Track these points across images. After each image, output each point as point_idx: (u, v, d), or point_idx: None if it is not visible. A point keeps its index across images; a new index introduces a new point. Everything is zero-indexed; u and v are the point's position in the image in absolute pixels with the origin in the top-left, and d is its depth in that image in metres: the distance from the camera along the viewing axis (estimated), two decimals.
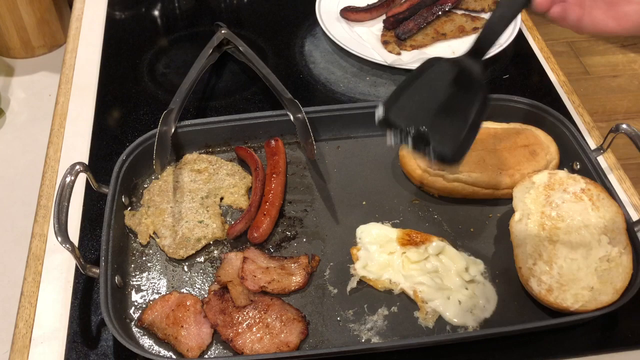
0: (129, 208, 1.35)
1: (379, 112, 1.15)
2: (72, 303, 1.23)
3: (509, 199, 1.33)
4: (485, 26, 1.15)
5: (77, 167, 1.25)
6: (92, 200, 1.39)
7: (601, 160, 1.46)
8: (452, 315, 1.18)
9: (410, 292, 1.21)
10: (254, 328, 1.15)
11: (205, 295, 1.22)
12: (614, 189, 1.31)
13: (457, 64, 1.18)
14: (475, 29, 1.82)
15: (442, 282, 1.21)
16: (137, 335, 1.17)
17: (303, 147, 1.46)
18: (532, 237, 1.23)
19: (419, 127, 1.13)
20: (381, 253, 1.26)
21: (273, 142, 1.45)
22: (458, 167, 1.29)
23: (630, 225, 1.23)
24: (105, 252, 1.19)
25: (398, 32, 1.78)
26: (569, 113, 1.60)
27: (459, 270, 1.23)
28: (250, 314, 1.17)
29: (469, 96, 1.16)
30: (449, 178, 1.36)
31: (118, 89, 1.70)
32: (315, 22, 1.84)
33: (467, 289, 1.21)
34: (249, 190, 1.41)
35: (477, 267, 1.25)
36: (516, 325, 1.17)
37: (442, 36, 1.80)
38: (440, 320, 1.18)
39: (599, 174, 1.32)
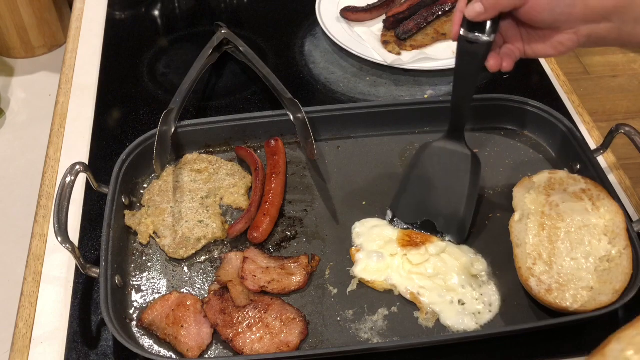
0: (129, 208, 1.35)
1: (389, 216, 1.33)
2: (72, 303, 1.23)
3: (509, 199, 1.33)
4: (451, 109, 1.28)
5: (77, 167, 1.25)
6: (92, 200, 1.39)
7: (601, 160, 1.46)
8: (455, 321, 1.17)
9: (409, 296, 1.20)
10: (254, 328, 1.15)
11: (205, 295, 1.22)
12: (614, 189, 1.31)
13: (443, 146, 1.33)
14: None
15: (445, 283, 1.21)
16: (137, 335, 1.17)
17: (303, 147, 1.46)
18: (532, 237, 1.23)
19: (423, 220, 1.31)
20: (381, 255, 1.26)
21: (273, 142, 1.45)
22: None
23: (630, 225, 1.23)
24: (105, 252, 1.19)
25: (398, 32, 1.78)
26: (569, 113, 1.60)
27: (462, 266, 1.23)
28: (250, 314, 1.17)
29: (460, 172, 1.32)
30: None
31: (118, 89, 1.70)
32: (315, 22, 1.84)
33: (472, 288, 1.21)
34: (249, 190, 1.41)
35: (481, 264, 1.25)
36: (516, 325, 1.17)
37: (442, 36, 1.80)
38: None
39: (599, 174, 1.32)
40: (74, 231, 1.33)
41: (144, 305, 1.20)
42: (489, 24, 1.10)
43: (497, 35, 1.12)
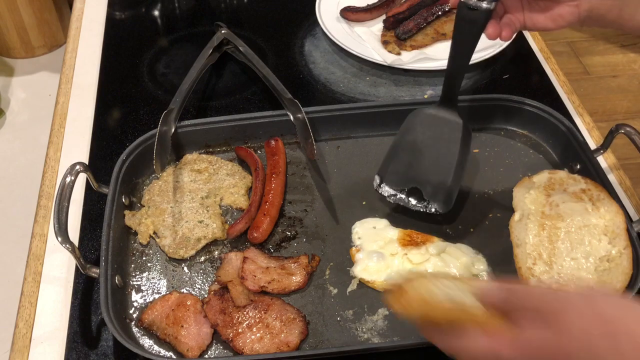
0: (129, 208, 1.35)
1: (376, 181, 1.32)
2: (72, 303, 1.23)
3: (509, 199, 1.33)
4: (445, 77, 1.28)
5: (77, 167, 1.25)
6: (92, 200, 1.39)
7: (601, 160, 1.46)
8: None
9: None
10: (254, 328, 1.15)
11: (205, 295, 1.22)
12: (614, 189, 1.31)
13: (435, 113, 1.32)
14: None
15: None
16: (137, 335, 1.17)
17: (303, 147, 1.46)
18: (532, 237, 1.23)
19: (411, 187, 1.30)
20: (381, 255, 1.25)
21: (273, 142, 1.45)
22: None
23: (630, 225, 1.23)
24: (105, 252, 1.19)
25: (398, 32, 1.78)
26: (569, 113, 1.60)
27: (463, 266, 1.22)
28: (250, 314, 1.17)
29: (451, 141, 1.30)
30: None
31: (118, 89, 1.70)
32: (315, 22, 1.84)
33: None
34: (249, 190, 1.41)
35: (481, 264, 1.25)
36: None
37: (442, 36, 1.80)
38: None
39: (599, 174, 1.32)
40: (74, 231, 1.33)
41: (144, 305, 1.20)
42: None
43: (498, 3, 1.12)
